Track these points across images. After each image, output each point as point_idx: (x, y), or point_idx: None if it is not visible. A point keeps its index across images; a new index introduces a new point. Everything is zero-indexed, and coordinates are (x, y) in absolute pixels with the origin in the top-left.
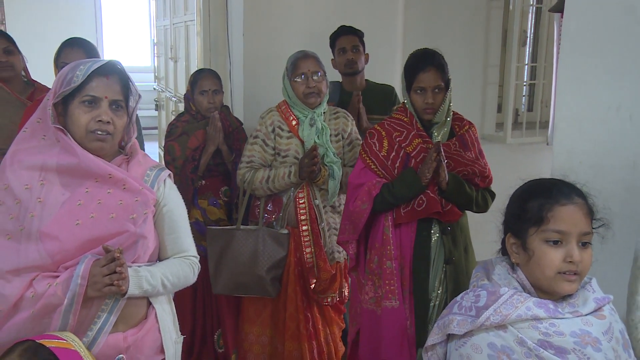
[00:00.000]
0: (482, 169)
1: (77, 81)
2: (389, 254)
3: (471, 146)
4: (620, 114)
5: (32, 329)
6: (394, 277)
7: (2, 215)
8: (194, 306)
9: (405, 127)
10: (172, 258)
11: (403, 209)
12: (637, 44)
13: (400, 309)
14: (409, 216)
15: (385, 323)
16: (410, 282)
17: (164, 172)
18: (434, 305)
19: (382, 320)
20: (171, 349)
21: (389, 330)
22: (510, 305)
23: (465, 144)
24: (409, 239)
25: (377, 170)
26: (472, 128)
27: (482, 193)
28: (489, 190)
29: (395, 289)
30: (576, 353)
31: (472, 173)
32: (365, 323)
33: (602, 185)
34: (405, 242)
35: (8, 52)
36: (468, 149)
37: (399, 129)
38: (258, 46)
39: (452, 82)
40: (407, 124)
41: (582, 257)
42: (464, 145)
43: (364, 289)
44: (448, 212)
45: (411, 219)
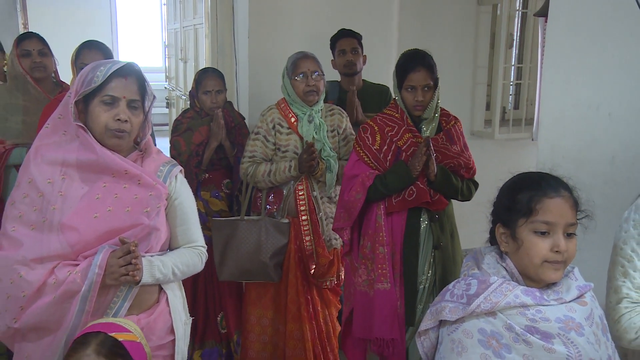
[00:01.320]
0: (467, 161)
1: (98, 81)
2: (382, 240)
3: (457, 140)
4: (600, 112)
5: (53, 313)
6: (386, 261)
7: (27, 207)
8: (195, 290)
9: (397, 123)
10: (182, 248)
11: (394, 199)
12: (616, 48)
13: (392, 291)
14: (400, 205)
15: (377, 304)
16: (400, 266)
17: (176, 167)
18: (424, 288)
19: (375, 301)
20: (181, 329)
21: (381, 310)
22: (499, 294)
23: (452, 137)
24: (399, 226)
25: (370, 163)
26: (457, 123)
27: (466, 183)
28: (473, 180)
29: (387, 272)
30: (561, 337)
31: (458, 165)
32: (359, 303)
33: (583, 179)
34: (396, 229)
35: (42, 54)
36: (454, 143)
37: (391, 124)
38: (262, 48)
39: (443, 82)
40: (398, 119)
41: (568, 247)
42: (450, 139)
43: (357, 272)
44: (436, 202)
45: (402, 208)
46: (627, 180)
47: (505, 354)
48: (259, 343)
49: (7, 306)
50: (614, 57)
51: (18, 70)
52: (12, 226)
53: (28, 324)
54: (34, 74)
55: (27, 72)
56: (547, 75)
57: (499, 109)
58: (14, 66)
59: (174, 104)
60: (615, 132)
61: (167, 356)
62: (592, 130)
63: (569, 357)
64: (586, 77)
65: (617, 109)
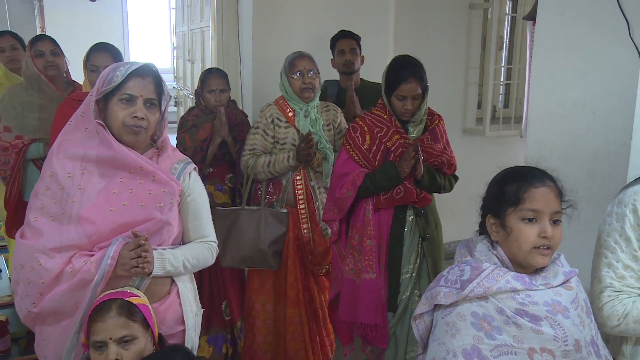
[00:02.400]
0: (449, 158)
1: (117, 81)
2: (369, 234)
3: (440, 138)
4: (585, 110)
5: (69, 299)
6: (372, 253)
7: (48, 199)
8: (201, 280)
9: (385, 124)
10: (193, 242)
11: (383, 196)
12: (600, 50)
13: (377, 280)
14: (388, 202)
15: (363, 291)
16: (386, 257)
17: (190, 165)
18: (410, 277)
19: (361, 289)
20: (191, 320)
21: (366, 298)
22: (491, 279)
23: (435, 136)
24: (386, 221)
25: (360, 161)
26: (440, 121)
27: (448, 179)
28: (454, 175)
29: (373, 263)
30: (548, 320)
31: (442, 163)
32: (345, 289)
33: (569, 172)
34: (383, 223)
35: (54, 54)
36: (437, 141)
37: (380, 125)
38: (265, 49)
39: (437, 81)
40: (387, 121)
41: (554, 233)
42: (434, 137)
43: (345, 261)
44: (422, 199)
45: (390, 205)
46: (609, 174)
47: (497, 335)
48: (265, 328)
49: (28, 291)
50: (598, 59)
51: (33, 70)
52: (34, 216)
53: (46, 309)
54: (48, 72)
55: (41, 72)
56: (535, 75)
57: (490, 108)
58: (28, 67)
59: (182, 103)
60: (599, 129)
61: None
62: (577, 127)
63: (556, 338)
64: (572, 78)
65: (600, 107)
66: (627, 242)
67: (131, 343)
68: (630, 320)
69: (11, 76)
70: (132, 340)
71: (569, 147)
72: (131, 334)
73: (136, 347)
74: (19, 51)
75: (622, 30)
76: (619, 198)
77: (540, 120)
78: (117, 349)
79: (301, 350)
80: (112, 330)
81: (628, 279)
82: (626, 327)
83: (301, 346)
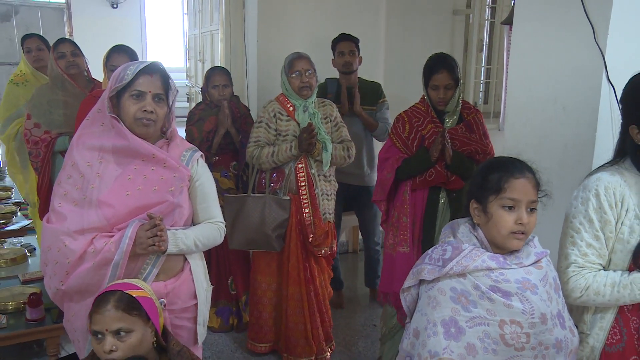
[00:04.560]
0: (484, 147)
1: (128, 78)
2: (405, 212)
3: (476, 129)
4: (556, 105)
5: (92, 277)
6: (407, 229)
7: (70, 186)
8: (209, 258)
9: (422, 115)
10: (203, 223)
11: (418, 179)
12: (569, 52)
13: (410, 254)
14: (423, 184)
15: (398, 263)
16: (419, 234)
17: (197, 153)
18: None
19: (396, 261)
20: (202, 295)
21: (400, 269)
22: (469, 258)
23: (471, 127)
24: (421, 201)
25: (400, 147)
26: (477, 114)
27: None
28: None
29: (407, 238)
30: (518, 295)
31: (475, 151)
32: (385, 262)
33: (541, 162)
34: (418, 203)
35: (74, 54)
36: (473, 132)
37: (418, 116)
38: (269, 50)
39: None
40: (424, 112)
41: (529, 220)
42: (469, 128)
43: (387, 237)
44: (453, 182)
45: (424, 186)
46: (577, 164)
47: (472, 308)
48: (270, 305)
49: (55, 271)
50: (567, 60)
51: (56, 71)
52: (58, 203)
53: (73, 287)
54: (69, 71)
55: (64, 72)
56: (512, 75)
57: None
58: (52, 68)
59: (194, 99)
60: (568, 122)
61: (190, 318)
62: (549, 121)
63: (524, 311)
64: (544, 77)
65: (569, 103)
66: (590, 224)
67: (127, 335)
68: (591, 292)
69: (37, 74)
70: (128, 333)
71: (542, 138)
72: (127, 327)
73: (132, 340)
74: (43, 52)
75: (588, 35)
76: (583, 184)
77: (516, 115)
78: (112, 341)
79: (300, 324)
80: (108, 323)
81: (590, 256)
82: (587, 298)
83: (301, 320)
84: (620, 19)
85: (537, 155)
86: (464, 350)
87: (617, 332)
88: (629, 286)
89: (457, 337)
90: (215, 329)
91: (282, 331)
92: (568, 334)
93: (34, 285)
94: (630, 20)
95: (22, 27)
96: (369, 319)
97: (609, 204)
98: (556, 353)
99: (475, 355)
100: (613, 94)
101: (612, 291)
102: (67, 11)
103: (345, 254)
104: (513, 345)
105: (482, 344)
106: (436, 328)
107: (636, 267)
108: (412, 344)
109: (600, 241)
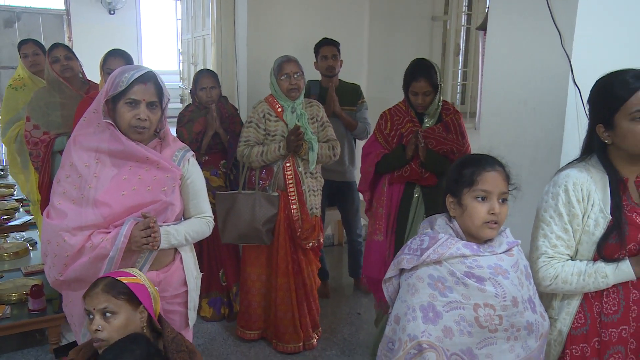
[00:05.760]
0: (460, 147)
1: (123, 86)
2: (382, 203)
3: (453, 129)
4: (527, 107)
5: (88, 270)
6: (382, 219)
7: (69, 185)
8: (201, 251)
9: (403, 114)
10: (193, 218)
11: (395, 173)
12: (538, 56)
13: (384, 242)
14: (399, 179)
15: (373, 251)
16: (394, 224)
17: (189, 152)
18: None
19: (371, 248)
20: (192, 282)
21: (374, 256)
22: (445, 247)
23: (448, 127)
24: (397, 194)
25: (382, 143)
26: (456, 115)
27: None
28: None
29: (382, 227)
30: (491, 280)
31: (450, 150)
32: (365, 249)
33: (514, 159)
34: (394, 196)
35: (68, 58)
36: (450, 132)
37: (399, 115)
38: (258, 53)
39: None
40: (405, 112)
41: (501, 210)
42: (446, 128)
43: (369, 226)
44: (426, 178)
45: (400, 181)
46: (547, 161)
47: (448, 293)
48: (259, 295)
49: (55, 263)
50: (537, 64)
51: (52, 75)
52: (58, 200)
53: (70, 278)
54: (64, 74)
55: (59, 75)
56: (487, 77)
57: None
58: (48, 72)
59: (187, 100)
60: (539, 122)
61: (181, 303)
62: (521, 121)
63: (496, 295)
64: (516, 79)
65: (539, 104)
66: (560, 217)
67: (112, 317)
68: (559, 281)
69: (34, 78)
70: (113, 314)
71: (514, 137)
72: (112, 309)
73: (117, 322)
74: (40, 56)
75: (555, 41)
76: (553, 180)
77: (491, 115)
78: (99, 321)
79: (289, 313)
80: (95, 302)
81: (559, 247)
82: (556, 286)
83: (289, 309)
84: (585, 26)
85: (510, 153)
86: (441, 333)
87: (582, 316)
88: (593, 275)
89: (435, 321)
90: (207, 318)
91: (271, 320)
92: (539, 318)
93: (35, 277)
94: (594, 27)
95: (24, 32)
96: (354, 308)
97: (576, 199)
98: (527, 335)
99: (452, 337)
100: (579, 96)
101: (579, 279)
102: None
103: (331, 247)
104: (487, 327)
105: (458, 326)
106: (415, 313)
107: (600, 257)
108: (393, 330)
109: (568, 233)
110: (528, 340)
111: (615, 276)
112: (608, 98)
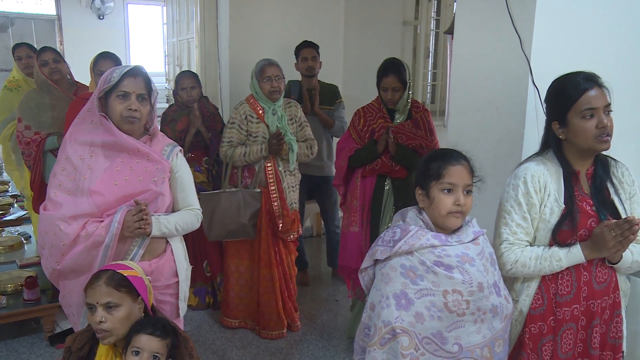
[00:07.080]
0: (429, 142)
1: (114, 81)
2: (356, 196)
3: (422, 126)
4: (491, 106)
5: (84, 258)
6: (357, 211)
7: (64, 177)
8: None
9: (375, 111)
10: (182, 210)
11: (367, 167)
12: (501, 58)
13: (359, 233)
14: (371, 172)
15: (349, 242)
16: (368, 215)
17: (177, 147)
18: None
19: (348, 239)
20: (183, 273)
21: (351, 246)
22: (415, 238)
23: (418, 124)
24: (370, 187)
25: (355, 138)
26: (425, 113)
27: None
28: None
29: (357, 219)
30: (458, 268)
31: (419, 145)
32: (341, 241)
33: (479, 154)
34: (367, 189)
35: (56, 61)
36: (419, 128)
37: (371, 112)
38: (240, 56)
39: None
40: (377, 109)
41: (466, 201)
42: (416, 125)
43: (343, 218)
44: (396, 171)
45: (372, 174)
46: (509, 156)
47: (419, 281)
48: (238, 285)
49: (52, 252)
50: (499, 66)
51: (41, 77)
52: (54, 192)
53: (67, 267)
54: (53, 77)
55: (48, 77)
56: (454, 78)
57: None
58: (37, 74)
59: (172, 101)
60: (502, 120)
61: (172, 294)
62: (486, 119)
63: (464, 281)
64: (481, 80)
65: (502, 104)
66: (519, 207)
67: (115, 309)
68: (519, 265)
69: (28, 80)
70: (115, 307)
71: (479, 134)
72: (115, 302)
73: (119, 313)
74: (33, 59)
75: (516, 44)
76: (514, 172)
77: (458, 114)
78: (102, 313)
79: (272, 302)
80: (98, 296)
81: (519, 234)
82: (516, 270)
83: (272, 298)
84: (543, 31)
85: (475, 148)
86: (413, 318)
87: (540, 297)
88: (549, 259)
89: (407, 308)
90: (193, 306)
91: (254, 309)
92: (503, 301)
93: (30, 269)
94: (551, 32)
95: (18, 37)
96: (332, 295)
97: (534, 189)
98: (492, 317)
99: (423, 322)
100: (538, 96)
101: (536, 263)
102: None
103: (310, 238)
104: (455, 311)
105: (428, 312)
106: (389, 300)
107: (555, 242)
108: (369, 317)
109: (527, 221)
110: (494, 321)
111: (568, 260)
112: (561, 97)
